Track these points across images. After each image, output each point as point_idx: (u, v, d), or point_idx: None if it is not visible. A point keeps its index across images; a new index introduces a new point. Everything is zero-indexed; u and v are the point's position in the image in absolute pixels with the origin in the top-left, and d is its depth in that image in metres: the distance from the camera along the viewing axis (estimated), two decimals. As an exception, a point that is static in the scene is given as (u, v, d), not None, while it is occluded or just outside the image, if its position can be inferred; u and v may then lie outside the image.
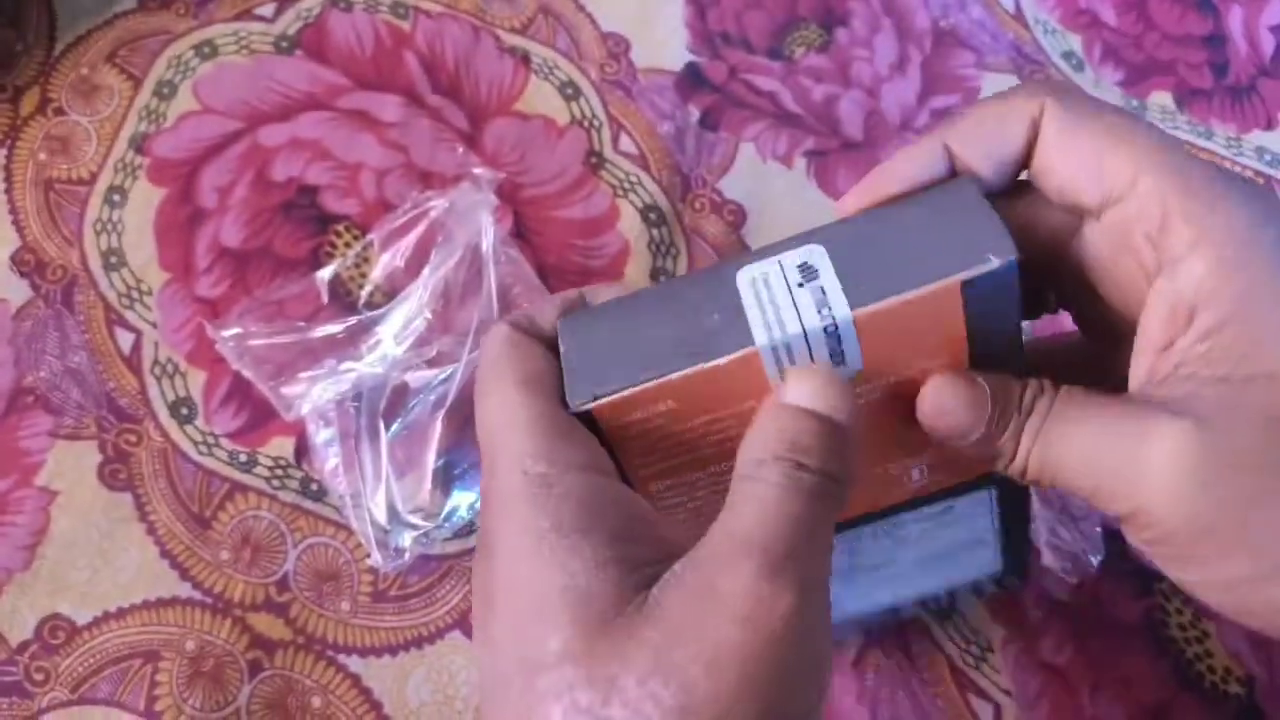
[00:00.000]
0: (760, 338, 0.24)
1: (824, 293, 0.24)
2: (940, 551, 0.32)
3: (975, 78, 0.49)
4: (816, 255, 0.24)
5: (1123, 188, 0.23)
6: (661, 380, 0.24)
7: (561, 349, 0.25)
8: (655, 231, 0.44)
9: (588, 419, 0.24)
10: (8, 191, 0.42)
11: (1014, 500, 0.31)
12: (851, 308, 0.23)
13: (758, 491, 0.22)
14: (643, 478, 0.26)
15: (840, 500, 0.23)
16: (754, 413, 0.24)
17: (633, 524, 0.22)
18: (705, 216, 0.45)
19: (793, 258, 0.25)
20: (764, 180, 0.45)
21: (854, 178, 0.46)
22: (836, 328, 0.23)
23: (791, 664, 0.20)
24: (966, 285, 0.23)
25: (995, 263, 0.23)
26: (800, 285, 0.24)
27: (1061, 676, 0.38)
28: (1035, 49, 0.50)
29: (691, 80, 0.47)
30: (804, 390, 0.23)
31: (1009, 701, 0.37)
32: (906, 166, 0.25)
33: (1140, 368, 0.24)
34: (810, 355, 0.24)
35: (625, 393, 0.24)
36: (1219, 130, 0.49)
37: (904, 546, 0.31)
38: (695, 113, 0.47)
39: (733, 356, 0.24)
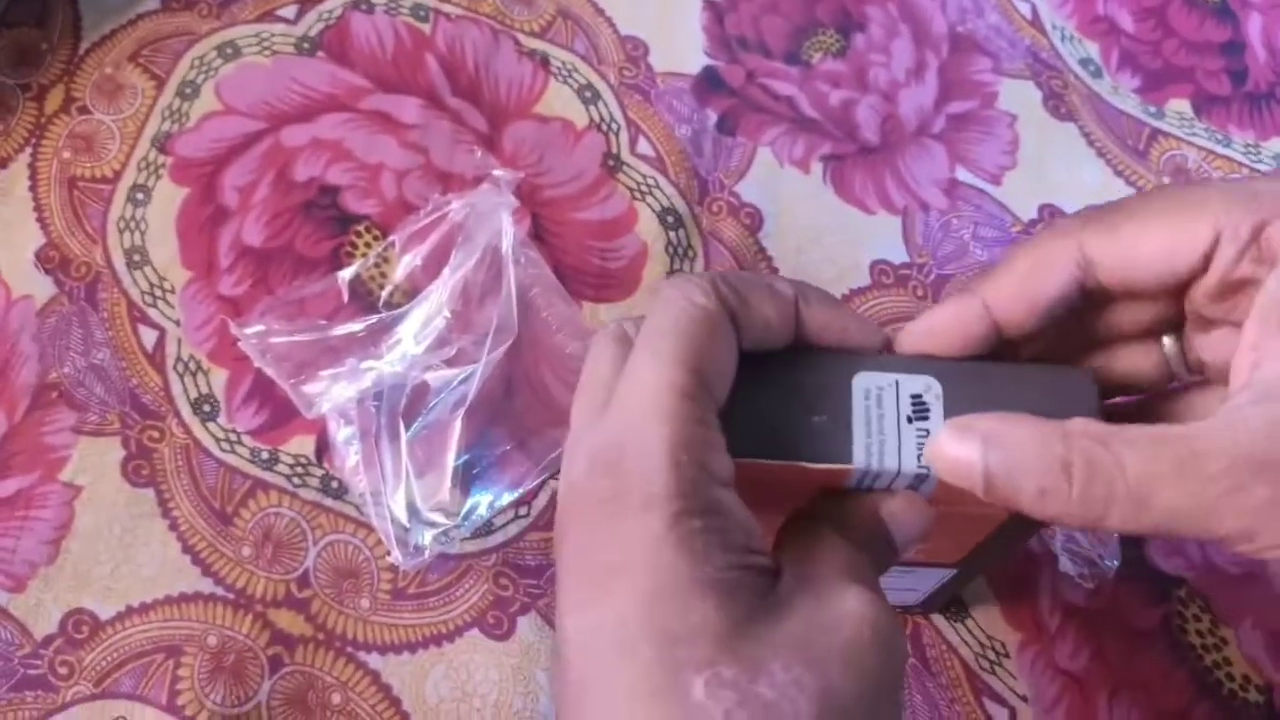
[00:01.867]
0: (859, 459, 0.24)
1: (927, 438, 0.25)
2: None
3: (993, 83, 0.49)
4: (932, 394, 0.25)
5: (1208, 244, 0.24)
6: (752, 461, 0.24)
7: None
8: (673, 234, 0.44)
9: None
10: (33, 189, 0.43)
11: (962, 578, 0.33)
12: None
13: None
14: None
15: None
16: (813, 495, 0.26)
17: (752, 539, 0.23)
18: (722, 220, 0.45)
19: (909, 384, 0.25)
20: (781, 184, 0.46)
21: (871, 182, 0.46)
22: (928, 474, 0.25)
23: (899, 672, 0.23)
24: (1015, 515, 0.24)
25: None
26: (909, 421, 0.25)
27: (1078, 682, 0.38)
28: (1053, 55, 0.50)
29: (709, 84, 0.48)
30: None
31: (1025, 706, 0.37)
32: (948, 327, 0.26)
33: (1240, 375, 0.23)
34: (893, 483, 0.25)
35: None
36: (1237, 137, 0.49)
37: None
38: (713, 116, 0.47)
39: (827, 467, 0.25)
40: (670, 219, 0.44)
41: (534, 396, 0.39)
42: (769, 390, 0.25)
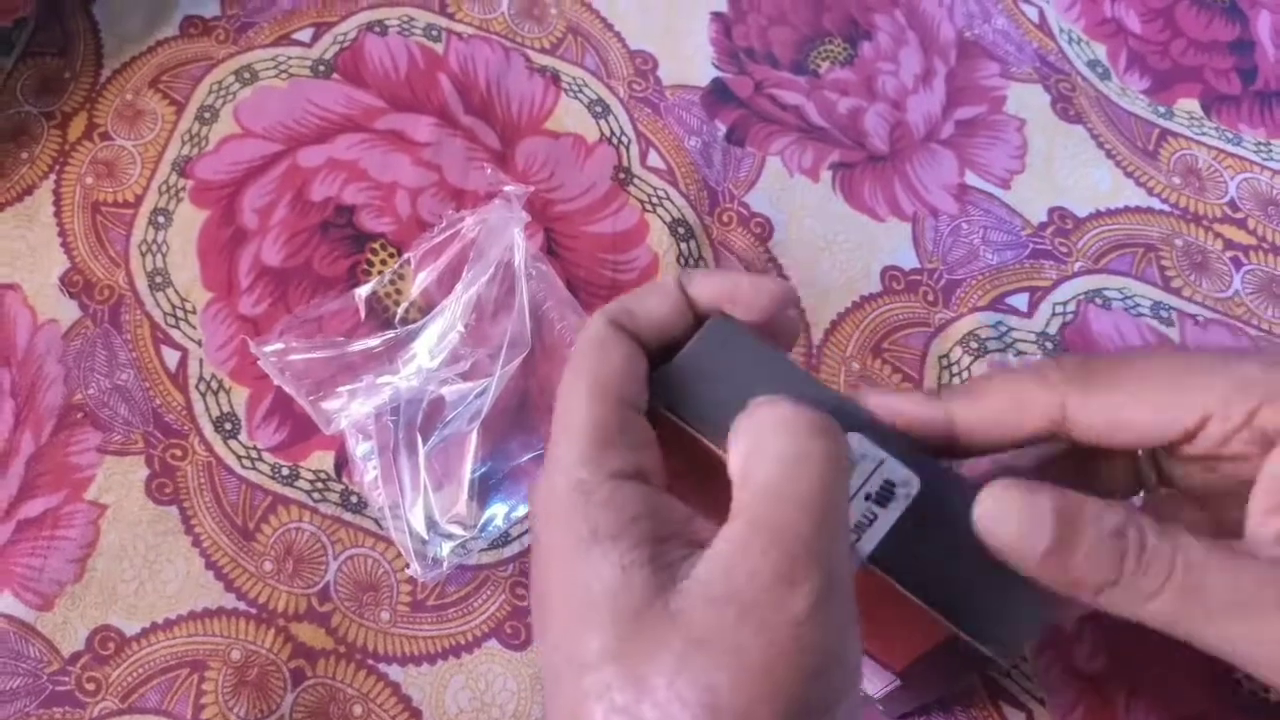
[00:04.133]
0: None
1: (871, 523, 0.24)
2: None
3: (1001, 88, 0.49)
4: (905, 491, 0.25)
5: (1193, 427, 0.24)
6: (712, 446, 0.25)
7: (690, 343, 0.26)
8: (684, 245, 0.44)
9: (656, 415, 0.26)
10: (57, 214, 0.44)
11: (909, 695, 0.32)
12: (867, 559, 0.24)
13: (762, 482, 0.23)
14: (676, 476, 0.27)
15: (844, 479, 0.24)
16: None
17: (666, 527, 0.23)
18: (733, 230, 0.45)
19: (893, 469, 0.25)
20: (790, 193, 0.46)
21: (880, 190, 0.46)
22: (854, 554, 0.24)
23: (813, 658, 0.21)
24: (956, 638, 0.24)
25: (989, 652, 0.24)
26: (867, 498, 0.25)
27: (1096, 685, 0.38)
28: (1060, 58, 0.50)
29: (718, 96, 0.48)
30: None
31: (1042, 710, 0.37)
32: (909, 418, 0.26)
33: (1261, 501, 0.24)
34: None
35: (686, 428, 0.25)
36: (1248, 135, 0.49)
37: None
38: (722, 128, 0.47)
39: None
40: (681, 230, 0.45)
41: (548, 408, 0.40)
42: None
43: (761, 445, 0.23)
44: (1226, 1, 0.52)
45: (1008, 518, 0.23)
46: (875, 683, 0.33)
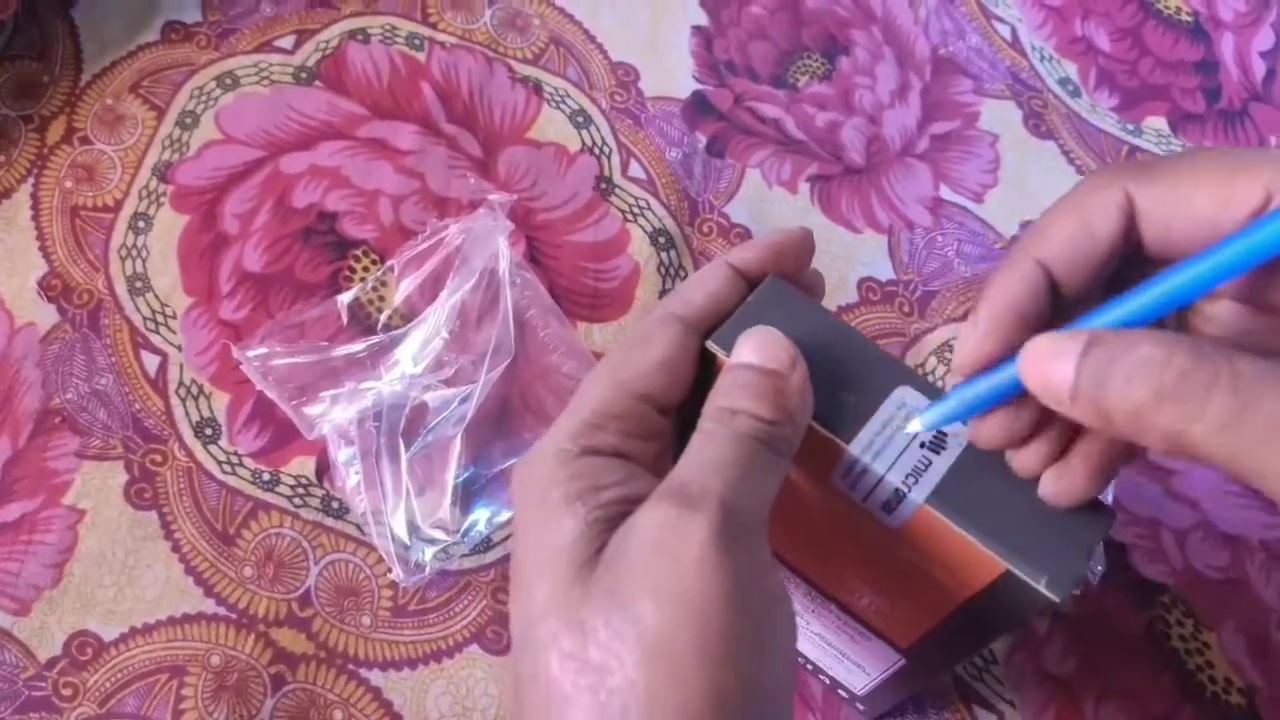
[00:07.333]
0: (855, 448, 0.25)
1: (925, 469, 0.25)
2: (831, 644, 0.34)
3: (975, 104, 0.50)
4: (958, 439, 0.26)
5: (1259, 205, 0.23)
6: None
7: (750, 297, 0.27)
8: (664, 255, 0.45)
9: (710, 359, 0.26)
10: (35, 218, 0.43)
11: (909, 676, 0.32)
12: (925, 501, 0.25)
13: (693, 439, 0.24)
14: None
15: (778, 440, 0.24)
16: (803, 466, 0.26)
17: (633, 491, 0.24)
18: (713, 240, 0.46)
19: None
20: (769, 205, 0.47)
21: (857, 202, 0.47)
22: (904, 498, 0.25)
23: (722, 583, 0.21)
24: (1007, 574, 0.24)
25: (1040, 586, 0.24)
26: (922, 446, 0.26)
27: (1066, 687, 0.38)
28: (1032, 75, 0.52)
29: (699, 108, 0.49)
30: (746, 348, 0.25)
31: (1012, 712, 0.38)
32: (1006, 290, 0.25)
33: None
34: (869, 494, 0.26)
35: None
36: (1212, 154, 0.50)
37: (816, 617, 0.33)
38: (702, 139, 0.48)
39: (827, 435, 0.26)
40: (662, 240, 0.45)
41: (531, 415, 0.40)
42: (828, 358, 0.26)
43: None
44: (1191, 22, 0.54)
45: (1039, 354, 0.22)
46: (870, 671, 0.33)
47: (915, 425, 0.25)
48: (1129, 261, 0.25)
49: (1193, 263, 0.22)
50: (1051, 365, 0.22)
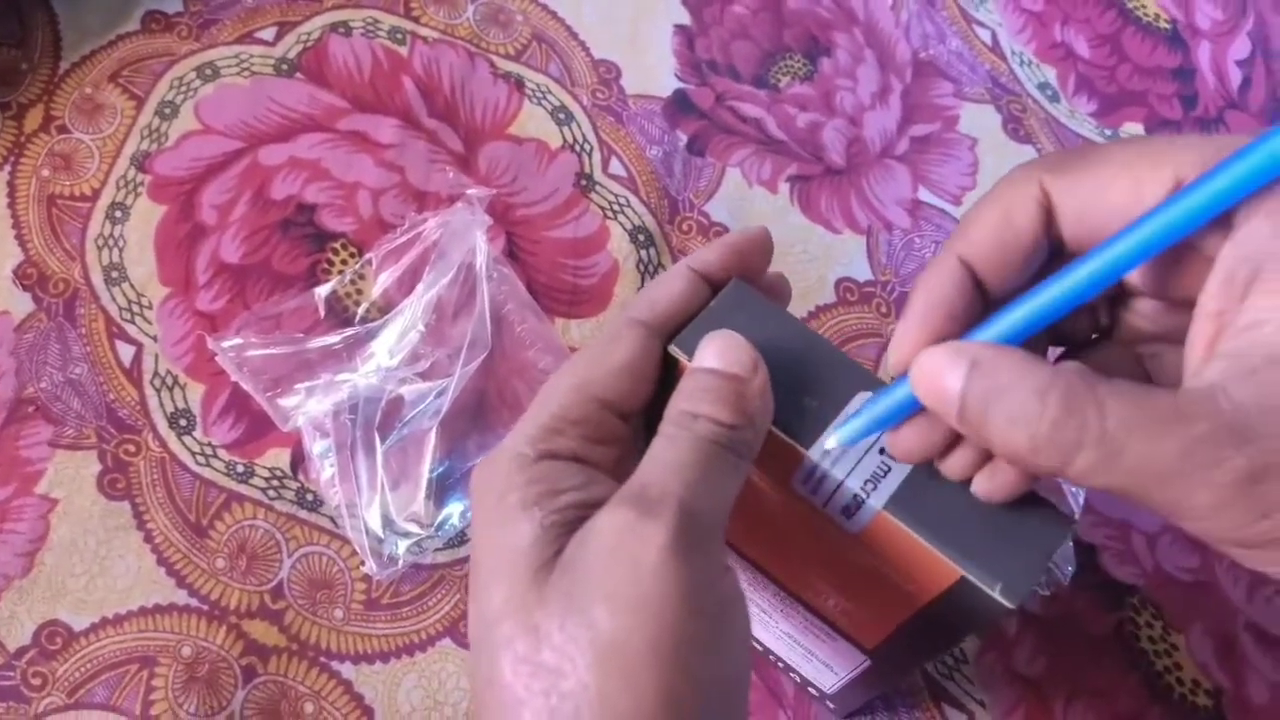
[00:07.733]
0: (815, 453, 0.25)
1: (884, 475, 0.25)
2: (800, 643, 0.34)
3: (954, 107, 0.51)
4: None
5: (1168, 192, 0.22)
6: None
7: (714, 301, 0.27)
8: (643, 252, 0.45)
9: (673, 362, 0.26)
10: (11, 206, 0.43)
11: (875, 678, 0.33)
12: (883, 507, 0.25)
13: (654, 442, 0.24)
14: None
15: (738, 444, 0.24)
16: (765, 470, 0.26)
17: (591, 495, 0.24)
18: (692, 238, 0.46)
19: None
20: (749, 204, 0.47)
21: (836, 202, 0.47)
22: (863, 504, 0.25)
23: (678, 587, 0.21)
24: (962, 580, 0.25)
25: (994, 593, 0.24)
26: (880, 451, 0.26)
27: (1036, 688, 0.39)
28: (1011, 80, 0.52)
29: (680, 106, 0.49)
30: (708, 352, 0.25)
31: (982, 712, 0.38)
32: (931, 289, 0.25)
33: (1197, 344, 0.22)
34: (829, 499, 0.26)
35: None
36: (1188, 160, 0.51)
37: (784, 617, 0.33)
38: (683, 138, 0.48)
39: (787, 440, 0.26)
40: (641, 237, 0.45)
41: (507, 409, 0.40)
42: (790, 362, 0.26)
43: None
44: (1169, 30, 0.54)
45: (928, 370, 0.23)
46: (838, 671, 0.33)
47: (831, 442, 0.25)
48: (1057, 255, 0.25)
49: (1084, 260, 0.22)
50: (940, 382, 0.22)
